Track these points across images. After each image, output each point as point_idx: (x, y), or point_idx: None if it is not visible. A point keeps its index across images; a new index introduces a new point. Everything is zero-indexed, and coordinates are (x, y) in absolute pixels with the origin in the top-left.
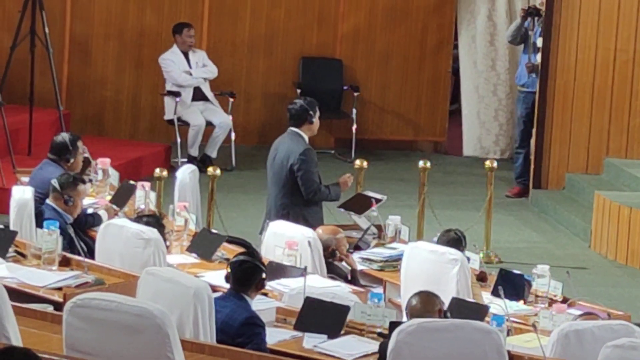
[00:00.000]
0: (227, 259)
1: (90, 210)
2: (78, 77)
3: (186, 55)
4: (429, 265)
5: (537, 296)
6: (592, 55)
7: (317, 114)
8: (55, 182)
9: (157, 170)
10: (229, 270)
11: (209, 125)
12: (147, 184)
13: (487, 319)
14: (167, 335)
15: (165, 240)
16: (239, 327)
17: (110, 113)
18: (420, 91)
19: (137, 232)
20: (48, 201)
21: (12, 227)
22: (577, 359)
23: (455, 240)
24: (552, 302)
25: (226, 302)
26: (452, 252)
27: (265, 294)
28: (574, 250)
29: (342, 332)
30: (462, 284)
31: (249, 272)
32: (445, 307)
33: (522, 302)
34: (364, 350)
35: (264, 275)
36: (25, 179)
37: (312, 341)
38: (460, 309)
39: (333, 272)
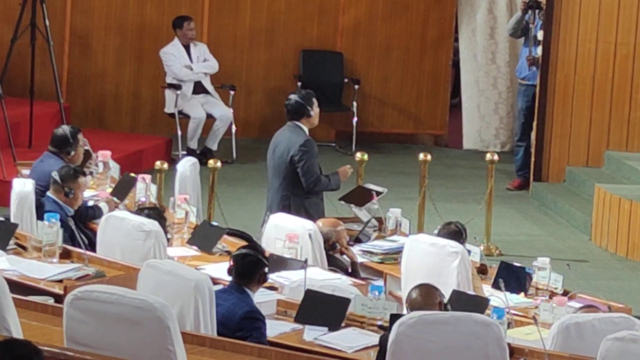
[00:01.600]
0: (228, 252)
1: (91, 203)
2: (79, 70)
3: (187, 48)
4: (429, 258)
5: (537, 289)
6: (592, 49)
7: (315, 105)
8: (55, 175)
9: (158, 163)
10: (232, 263)
11: (210, 118)
12: (147, 177)
13: (487, 311)
14: (167, 328)
15: (166, 232)
16: (239, 321)
17: (111, 106)
18: (421, 84)
19: (138, 225)
20: (49, 193)
21: (12, 220)
22: (577, 351)
23: (456, 233)
24: (552, 294)
25: (228, 295)
26: (452, 245)
27: (275, 288)
28: (574, 243)
29: (343, 324)
30: (463, 276)
31: (252, 266)
32: (446, 299)
33: (522, 294)
34: (364, 343)
35: (266, 269)
36: (26, 171)
37: (312, 334)
38: (461, 301)
39: (333, 264)
